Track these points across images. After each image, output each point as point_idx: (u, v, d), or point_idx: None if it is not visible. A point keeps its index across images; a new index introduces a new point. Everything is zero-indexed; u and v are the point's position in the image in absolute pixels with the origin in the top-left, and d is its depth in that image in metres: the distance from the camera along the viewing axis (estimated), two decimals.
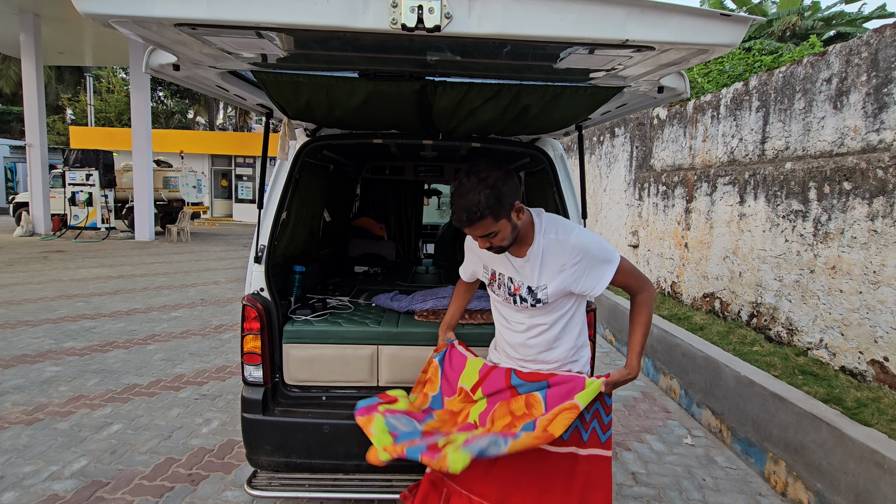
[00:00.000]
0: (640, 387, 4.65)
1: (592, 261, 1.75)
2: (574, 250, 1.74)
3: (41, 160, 14.39)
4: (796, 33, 15.22)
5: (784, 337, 4.17)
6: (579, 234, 1.77)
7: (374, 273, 4.09)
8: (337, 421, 2.29)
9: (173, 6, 1.15)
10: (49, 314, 6.38)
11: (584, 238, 1.76)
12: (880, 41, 3.53)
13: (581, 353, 1.94)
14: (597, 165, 8.79)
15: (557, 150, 2.60)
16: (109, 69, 29.64)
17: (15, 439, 3.32)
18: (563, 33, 1.21)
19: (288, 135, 2.26)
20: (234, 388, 4.27)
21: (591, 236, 1.78)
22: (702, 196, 5.44)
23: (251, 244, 2.41)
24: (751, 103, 4.87)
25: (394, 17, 1.17)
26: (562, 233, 1.78)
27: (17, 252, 11.55)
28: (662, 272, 6.33)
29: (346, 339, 2.44)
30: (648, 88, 1.81)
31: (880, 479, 2.40)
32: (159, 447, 3.27)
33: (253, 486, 2.28)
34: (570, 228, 1.80)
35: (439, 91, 1.84)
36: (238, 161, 23.55)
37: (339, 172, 3.92)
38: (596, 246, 1.75)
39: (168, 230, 14.79)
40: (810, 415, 2.85)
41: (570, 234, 1.77)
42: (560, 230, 1.79)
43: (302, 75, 1.79)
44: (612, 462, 3.30)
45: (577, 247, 1.74)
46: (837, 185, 3.69)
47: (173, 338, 5.60)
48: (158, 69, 1.71)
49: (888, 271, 3.26)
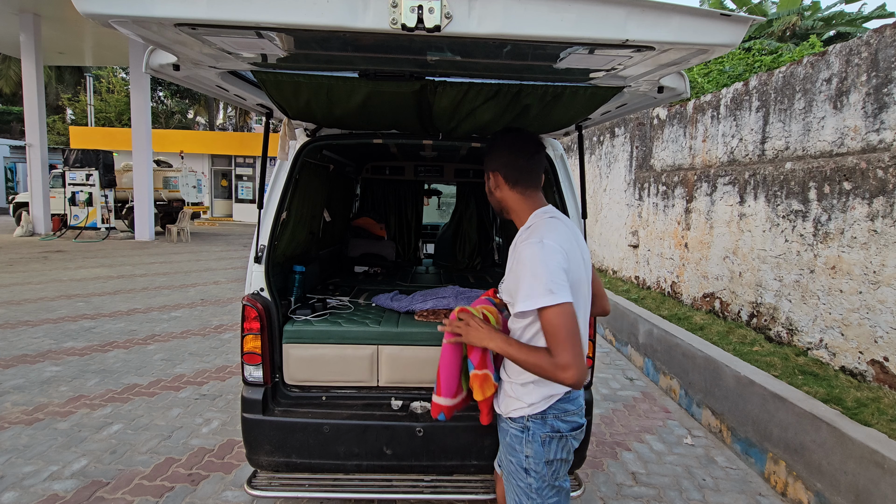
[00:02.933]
0: (641, 387, 4.65)
1: (518, 276, 1.52)
2: (513, 254, 1.59)
3: (41, 160, 14.40)
4: (796, 33, 15.23)
5: (784, 337, 4.17)
6: (530, 246, 1.51)
7: (374, 273, 4.09)
8: (337, 421, 2.29)
9: (173, 6, 1.15)
10: (49, 314, 6.39)
11: (529, 252, 1.50)
12: (880, 41, 3.53)
13: (525, 390, 1.63)
14: (597, 165, 8.79)
15: (557, 150, 2.60)
16: (109, 69, 29.64)
17: (15, 439, 3.32)
18: (563, 33, 1.20)
19: (288, 135, 2.26)
20: (234, 388, 4.27)
21: (537, 253, 1.48)
22: (702, 196, 5.44)
23: (251, 244, 2.41)
24: (751, 103, 4.87)
25: (394, 17, 1.17)
26: (525, 236, 1.60)
27: (17, 252, 11.55)
28: (662, 272, 6.33)
29: (346, 339, 2.44)
30: (648, 88, 1.81)
31: (880, 479, 2.40)
32: (159, 447, 3.27)
33: (253, 486, 2.28)
34: (535, 235, 1.55)
35: (439, 91, 1.84)
36: (238, 161, 23.55)
37: (339, 172, 3.92)
38: (530, 266, 1.48)
39: (168, 230, 14.79)
40: (810, 415, 2.85)
41: (525, 241, 1.55)
42: (527, 233, 1.61)
43: (302, 75, 1.79)
44: (612, 462, 3.30)
45: (517, 254, 1.56)
46: (837, 185, 3.69)
47: (173, 338, 5.60)
48: (158, 69, 1.71)
49: (888, 271, 3.26)
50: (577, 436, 1.68)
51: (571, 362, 1.41)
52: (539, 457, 1.62)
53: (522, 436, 1.64)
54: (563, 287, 1.44)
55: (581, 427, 1.69)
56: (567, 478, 1.71)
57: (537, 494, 1.63)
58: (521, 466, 1.65)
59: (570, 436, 1.64)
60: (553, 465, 1.63)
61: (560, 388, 1.61)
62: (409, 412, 2.35)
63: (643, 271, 6.89)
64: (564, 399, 1.63)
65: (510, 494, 1.71)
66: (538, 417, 1.62)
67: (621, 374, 4.97)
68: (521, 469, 1.65)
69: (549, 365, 1.44)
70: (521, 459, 1.65)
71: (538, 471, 1.62)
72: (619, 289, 6.93)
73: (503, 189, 1.72)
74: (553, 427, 1.62)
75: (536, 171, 1.73)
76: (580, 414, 1.69)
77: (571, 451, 1.67)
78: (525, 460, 1.64)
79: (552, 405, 1.61)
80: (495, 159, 1.73)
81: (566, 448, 1.65)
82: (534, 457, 1.62)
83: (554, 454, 1.62)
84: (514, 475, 1.68)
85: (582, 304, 1.61)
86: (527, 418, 1.63)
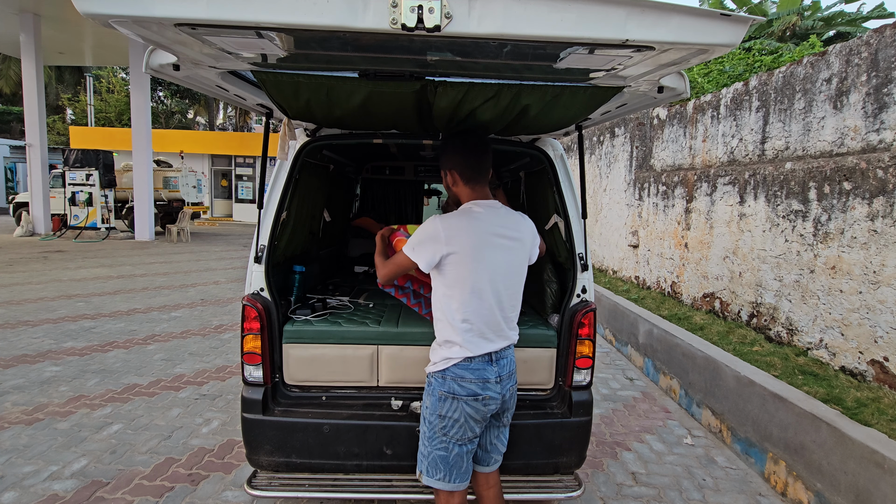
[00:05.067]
0: (641, 387, 4.66)
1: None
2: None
3: (41, 160, 14.40)
4: (796, 33, 15.22)
5: (784, 337, 4.17)
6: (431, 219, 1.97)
7: (373, 273, 4.09)
8: (337, 421, 2.29)
9: (173, 6, 1.15)
10: (49, 314, 6.39)
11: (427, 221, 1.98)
12: (880, 41, 3.53)
13: (433, 352, 2.00)
14: (597, 165, 8.79)
15: (557, 149, 2.60)
16: (109, 69, 29.65)
17: (15, 439, 3.32)
18: (563, 33, 1.20)
19: (288, 135, 2.26)
20: (234, 388, 4.27)
21: (426, 223, 1.94)
22: (702, 196, 5.44)
23: (251, 244, 2.41)
24: (751, 103, 4.87)
25: (394, 17, 1.17)
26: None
27: (17, 252, 11.55)
28: (662, 272, 6.33)
29: (346, 339, 2.44)
30: (648, 88, 1.80)
31: (880, 479, 2.40)
32: (159, 447, 3.27)
33: (253, 486, 2.28)
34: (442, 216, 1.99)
35: (439, 91, 1.84)
36: (238, 161, 23.55)
37: (339, 172, 3.92)
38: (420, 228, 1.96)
39: (168, 230, 14.79)
40: (810, 415, 2.85)
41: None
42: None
43: (302, 75, 1.79)
44: (612, 462, 3.30)
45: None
46: (837, 185, 3.69)
47: (173, 338, 5.60)
48: (158, 69, 1.71)
49: (888, 271, 3.26)
50: (474, 404, 1.90)
51: (382, 269, 2.06)
52: (434, 408, 1.93)
53: (427, 388, 2.00)
54: (417, 247, 1.89)
55: (479, 398, 1.90)
56: (463, 441, 1.93)
57: (428, 441, 1.96)
58: (423, 414, 2.00)
59: (464, 400, 1.89)
60: (444, 420, 1.91)
61: (456, 353, 1.89)
62: (409, 412, 2.35)
63: (643, 271, 6.90)
64: (462, 366, 1.89)
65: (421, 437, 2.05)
66: (439, 376, 1.93)
67: (621, 374, 4.98)
68: (423, 416, 2.00)
69: (379, 265, 2.10)
70: (424, 408, 2.00)
71: (431, 421, 1.95)
72: (619, 289, 6.93)
73: (459, 185, 2.00)
74: (450, 388, 1.90)
75: (485, 168, 2.01)
76: (480, 385, 1.90)
77: (468, 416, 1.91)
78: (425, 409, 1.99)
79: (448, 368, 1.90)
80: (450, 159, 2.01)
81: (459, 410, 1.90)
82: (430, 407, 1.95)
83: (446, 411, 1.91)
84: (421, 420, 2.03)
85: (479, 265, 1.89)
86: (430, 374, 1.97)
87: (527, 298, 2.23)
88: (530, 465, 2.38)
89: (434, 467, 1.94)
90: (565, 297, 2.50)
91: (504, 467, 2.17)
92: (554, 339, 2.48)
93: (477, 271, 1.87)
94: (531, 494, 2.34)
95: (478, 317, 1.88)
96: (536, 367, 2.47)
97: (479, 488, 2.10)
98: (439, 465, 1.93)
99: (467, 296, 1.87)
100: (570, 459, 2.40)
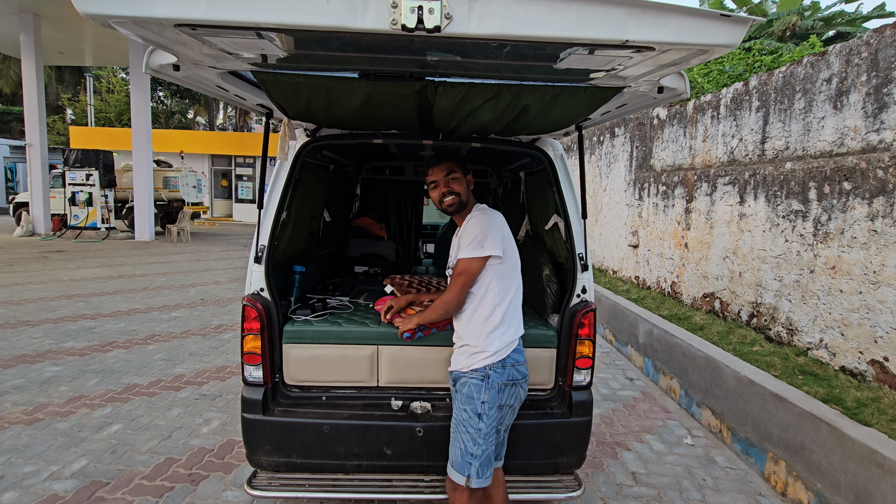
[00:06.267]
0: (640, 387, 4.66)
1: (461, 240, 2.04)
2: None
3: (41, 160, 14.39)
4: (796, 33, 15.22)
5: (784, 337, 4.17)
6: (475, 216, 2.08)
7: (374, 273, 4.09)
8: (337, 421, 2.29)
9: (173, 6, 1.15)
10: (49, 314, 6.39)
11: (472, 220, 2.05)
12: (880, 41, 3.53)
13: (488, 340, 2.03)
14: (597, 165, 8.79)
15: (557, 150, 2.60)
16: (109, 69, 29.64)
17: (15, 439, 3.32)
18: (563, 34, 1.20)
19: (288, 135, 2.26)
20: (234, 388, 4.27)
21: (477, 222, 2.03)
22: (702, 196, 5.44)
23: (251, 244, 2.41)
24: (751, 103, 4.87)
25: (394, 18, 1.17)
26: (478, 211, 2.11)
27: (17, 252, 11.55)
28: (662, 272, 6.33)
29: (346, 339, 2.44)
30: (648, 89, 1.81)
31: (880, 479, 2.40)
32: (159, 447, 3.27)
33: (253, 486, 2.28)
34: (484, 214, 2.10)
35: (439, 91, 1.84)
36: (238, 161, 23.55)
37: (339, 172, 3.92)
38: (470, 228, 2.03)
39: (168, 230, 14.79)
40: (810, 415, 2.85)
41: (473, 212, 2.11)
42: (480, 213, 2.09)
43: (302, 75, 1.79)
44: (612, 462, 3.30)
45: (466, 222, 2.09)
46: (837, 185, 3.69)
47: (173, 338, 5.60)
48: (158, 69, 1.71)
49: (888, 271, 3.26)
50: (525, 385, 1.98)
51: (453, 292, 2.02)
52: (493, 402, 1.88)
53: (480, 384, 1.91)
54: (484, 242, 1.99)
55: (527, 379, 2.01)
56: (508, 428, 2.00)
57: (483, 439, 1.88)
58: (476, 413, 1.89)
59: (520, 384, 1.94)
60: (503, 410, 1.91)
61: (513, 334, 1.94)
62: (409, 412, 2.35)
63: (643, 271, 6.90)
64: (518, 350, 1.95)
65: (455, 444, 1.94)
66: (499, 366, 1.91)
67: (621, 374, 4.98)
68: (475, 416, 1.89)
69: (442, 302, 2.01)
70: (476, 406, 1.89)
71: (489, 415, 1.88)
72: (619, 289, 6.93)
73: (470, 187, 2.18)
74: (510, 376, 1.91)
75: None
76: (525, 366, 2.02)
77: (520, 399, 1.97)
78: (478, 405, 1.89)
79: (509, 354, 1.91)
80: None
81: (516, 396, 1.93)
82: (488, 402, 1.88)
83: (506, 400, 1.89)
84: (466, 423, 1.91)
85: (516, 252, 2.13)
86: (488, 367, 1.92)
87: (527, 298, 2.24)
88: (530, 465, 2.38)
89: (485, 466, 1.90)
90: (565, 298, 2.51)
91: (504, 467, 2.18)
92: (554, 340, 2.48)
93: (517, 255, 2.11)
94: (531, 494, 2.34)
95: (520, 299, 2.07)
96: (536, 367, 2.47)
97: (489, 487, 2.09)
98: (487, 463, 1.91)
99: (519, 277, 2.06)
100: (570, 459, 2.40)
